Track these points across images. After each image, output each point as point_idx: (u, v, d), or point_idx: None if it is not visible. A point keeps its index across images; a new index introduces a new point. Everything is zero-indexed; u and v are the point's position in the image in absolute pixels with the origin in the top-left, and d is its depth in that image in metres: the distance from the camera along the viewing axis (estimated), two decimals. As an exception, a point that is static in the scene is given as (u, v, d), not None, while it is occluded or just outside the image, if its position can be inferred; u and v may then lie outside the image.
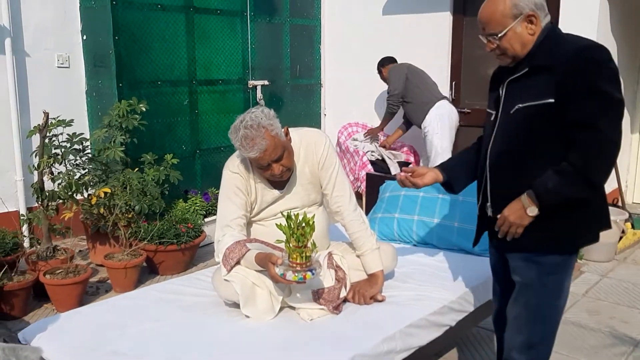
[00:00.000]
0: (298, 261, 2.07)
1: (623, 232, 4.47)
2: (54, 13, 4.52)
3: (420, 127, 5.04)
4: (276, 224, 2.12)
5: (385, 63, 5.22)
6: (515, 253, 2.08)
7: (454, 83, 5.27)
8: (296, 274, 2.06)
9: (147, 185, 3.99)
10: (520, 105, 1.92)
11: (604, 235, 2.08)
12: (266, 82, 5.56)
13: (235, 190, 2.38)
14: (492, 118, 2.08)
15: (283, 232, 2.06)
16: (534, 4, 1.91)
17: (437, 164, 4.77)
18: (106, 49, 4.41)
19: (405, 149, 5.45)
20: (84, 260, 4.24)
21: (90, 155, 4.07)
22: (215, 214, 4.68)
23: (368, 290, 2.38)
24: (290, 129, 2.41)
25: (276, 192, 2.44)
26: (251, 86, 5.47)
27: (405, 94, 5.02)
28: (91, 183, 3.96)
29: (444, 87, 5.30)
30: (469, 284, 2.61)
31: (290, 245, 2.08)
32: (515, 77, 1.98)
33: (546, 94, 1.86)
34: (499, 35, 1.91)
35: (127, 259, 3.70)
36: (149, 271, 4.06)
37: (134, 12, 4.45)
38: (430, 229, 3.02)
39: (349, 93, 6.11)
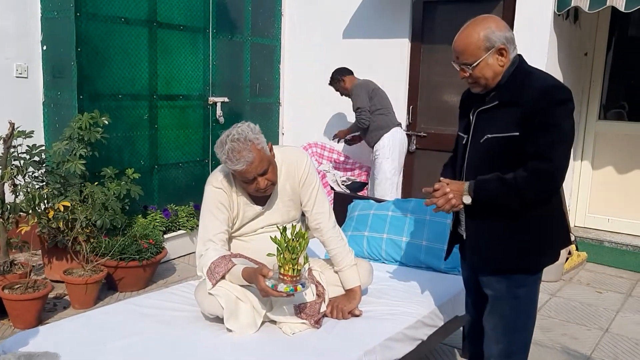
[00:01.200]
0: (290, 274, 2.11)
1: (569, 253, 4.72)
2: (15, 22, 4.41)
3: (372, 147, 5.12)
4: (270, 237, 2.16)
5: (345, 73, 5.22)
6: (484, 270, 2.23)
7: (411, 107, 5.44)
8: (287, 286, 2.11)
9: (109, 199, 3.91)
10: (490, 135, 2.08)
11: None
12: (226, 99, 5.57)
13: (218, 205, 2.40)
14: (464, 142, 2.22)
15: (277, 244, 2.10)
16: (505, 38, 2.06)
17: (385, 187, 4.93)
18: (68, 60, 4.33)
19: (364, 169, 5.57)
20: (37, 275, 4.09)
21: (48, 167, 3.96)
22: (174, 230, 4.68)
23: (346, 305, 2.44)
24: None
25: (258, 208, 2.47)
26: (211, 102, 5.47)
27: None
28: (50, 196, 3.85)
29: (402, 112, 5.47)
30: (439, 300, 2.71)
31: (284, 257, 2.11)
32: (485, 108, 2.13)
33: (513, 127, 2.03)
34: (472, 65, 2.06)
35: (87, 274, 3.61)
36: (107, 287, 3.97)
37: (97, 24, 4.39)
38: (399, 248, 3.11)
39: (308, 113, 6.21)
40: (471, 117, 2.19)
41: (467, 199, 2.08)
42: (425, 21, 5.35)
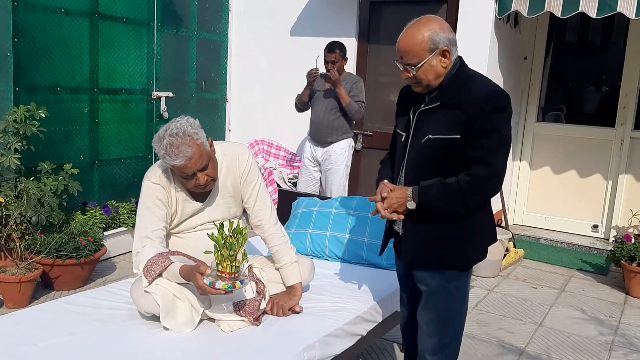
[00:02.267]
0: (228, 270, 2.09)
1: (507, 250, 4.86)
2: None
3: (324, 145, 4.85)
4: (207, 234, 2.13)
5: (345, 53, 4.77)
6: (418, 266, 2.28)
7: (357, 106, 5.49)
8: (225, 283, 2.09)
9: (45, 195, 3.79)
10: (431, 136, 2.11)
11: (489, 253, 2.36)
12: (170, 94, 5.48)
13: (156, 201, 2.36)
14: (403, 140, 2.25)
15: (214, 241, 2.08)
16: (448, 40, 2.10)
17: (338, 194, 4.87)
18: (3, 50, 4.15)
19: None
20: (-33, 274, 3.92)
21: (-20, 161, 3.80)
22: (115, 227, 4.57)
23: (287, 302, 2.44)
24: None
25: (197, 204, 2.44)
26: (155, 97, 5.36)
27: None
28: (-19, 191, 3.69)
29: (348, 110, 5.50)
30: (378, 295, 2.75)
31: (222, 254, 2.09)
32: (424, 109, 2.15)
33: (454, 129, 2.06)
34: (417, 66, 2.08)
35: (21, 273, 3.49)
36: (43, 286, 3.84)
37: (35, 14, 4.24)
38: (342, 244, 3.14)
39: (255, 109, 6.18)
40: (411, 117, 2.21)
41: (412, 205, 2.12)
42: (372, 21, 5.41)
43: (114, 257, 4.55)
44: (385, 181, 2.25)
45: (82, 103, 4.72)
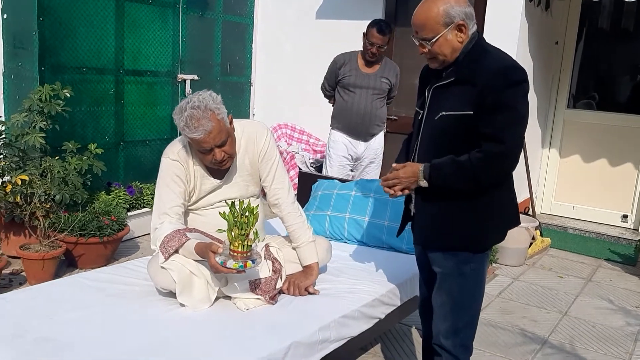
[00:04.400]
0: (239, 250, 2.08)
1: (533, 238, 4.76)
2: (-27, -12, 4.27)
3: (368, 138, 4.38)
4: (219, 212, 2.11)
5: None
6: (434, 248, 2.20)
7: (382, 90, 5.41)
8: (237, 262, 2.07)
9: (70, 174, 3.82)
10: (444, 112, 2.04)
11: (515, 241, 2.26)
12: (196, 77, 5.48)
13: (174, 177, 2.35)
14: (420, 117, 2.20)
15: (226, 220, 2.06)
16: (464, 14, 2.02)
17: None
18: (29, 30, 4.19)
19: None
20: (-6, 250, 4.00)
21: (6, 140, 3.85)
22: (139, 208, 4.60)
23: (303, 282, 2.42)
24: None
25: (215, 182, 2.42)
26: (180, 80, 5.37)
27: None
28: (7, 169, 3.75)
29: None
30: (397, 279, 2.71)
31: (232, 233, 2.07)
32: (440, 84, 2.09)
33: (467, 105, 1.98)
34: (432, 40, 2.01)
35: (45, 250, 3.53)
36: (67, 264, 3.88)
37: (61, -6, 4.27)
38: (361, 227, 3.10)
39: (279, 94, 6.15)
40: (427, 93, 2.16)
41: (423, 183, 2.05)
42: (399, 3, 5.31)
43: (138, 237, 4.59)
44: (394, 164, 2.19)
45: (107, 84, 4.75)
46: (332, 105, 4.49)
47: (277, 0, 6.00)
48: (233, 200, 2.14)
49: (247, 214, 2.08)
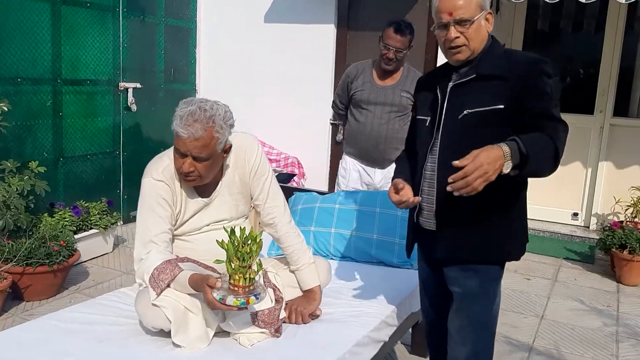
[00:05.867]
0: (241, 284, 1.84)
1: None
2: None
3: (386, 165, 3.53)
4: (217, 241, 1.87)
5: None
6: (452, 265, 2.06)
7: (337, 95, 5.26)
8: (238, 299, 1.83)
9: (11, 197, 3.42)
10: (469, 110, 1.89)
11: None
12: (138, 85, 5.13)
13: (159, 200, 2.08)
14: (429, 123, 2.03)
15: (224, 249, 1.82)
16: (489, 8, 1.93)
17: None
18: (-45, 36, 3.75)
19: (290, 160, 5.34)
20: None
21: None
22: (86, 230, 4.21)
23: (306, 308, 2.21)
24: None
25: (202, 201, 2.17)
26: (122, 88, 5.01)
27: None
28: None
29: (327, 101, 5.27)
30: (397, 297, 2.55)
31: (233, 265, 1.84)
32: (460, 82, 1.95)
33: (496, 100, 1.85)
34: (471, 21, 1.86)
35: (-12, 283, 3.12)
36: (12, 297, 3.47)
37: (-9, -4, 3.85)
38: (349, 242, 2.92)
39: (225, 101, 5.80)
40: (439, 94, 1.99)
41: (508, 168, 1.69)
42: (351, 7, 5.19)
43: (86, 261, 4.20)
44: (456, 162, 1.98)
45: (44, 95, 4.35)
46: (342, 127, 3.86)
47: (222, 4, 5.73)
48: (232, 227, 1.90)
49: (249, 242, 1.85)
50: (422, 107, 2.11)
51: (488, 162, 1.65)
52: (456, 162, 1.68)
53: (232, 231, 1.86)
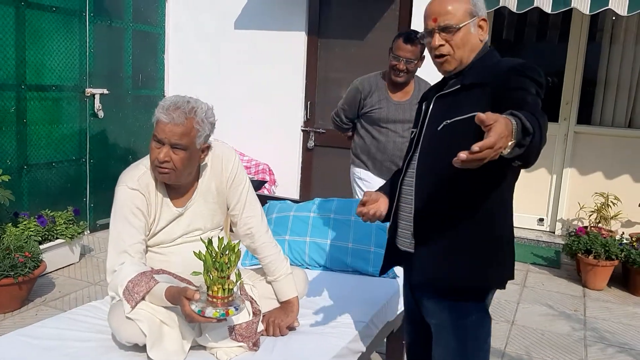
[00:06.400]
0: (219, 295, 1.81)
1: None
2: None
3: None
4: (194, 252, 1.83)
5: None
6: (429, 293, 1.89)
7: (308, 103, 5.26)
8: (217, 310, 1.79)
9: (-27, 206, 3.30)
10: (448, 121, 1.76)
11: None
12: (105, 91, 5.03)
13: (133, 210, 2.03)
14: (413, 136, 1.94)
15: (202, 260, 1.79)
16: (485, 13, 1.81)
17: None
18: None
19: (261, 167, 5.30)
20: None
21: None
22: (52, 240, 4.10)
23: (284, 320, 2.19)
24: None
25: (175, 210, 2.13)
26: (88, 94, 4.91)
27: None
28: None
29: (299, 107, 5.28)
30: (374, 307, 2.54)
31: (211, 276, 1.80)
32: (443, 94, 1.83)
33: (474, 108, 1.62)
34: (456, 28, 1.74)
35: (-51, 297, 3.00)
36: (-26, 311, 3.35)
37: (-49, -1, 3.72)
38: (324, 251, 2.90)
39: (195, 108, 5.79)
40: (425, 108, 1.91)
41: (511, 146, 1.41)
42: (322, 14, 5.20)
43: (52, 272, 4.09)
44: (367, 191, 1.91)
45: (7, 101, 4.23)
46: (349, 138, 3.70)
47: (191, 8, 5.67)
48: (209, 237, 1.87)
49: (227, 252, 1.82)
50: (415, 120, 2.01)
51: (505, 135, 1.37)
52: (476, 146, 1.33)
53: (210, 241, 1.83)
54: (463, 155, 1.34)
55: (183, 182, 2.10)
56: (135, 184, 2.04)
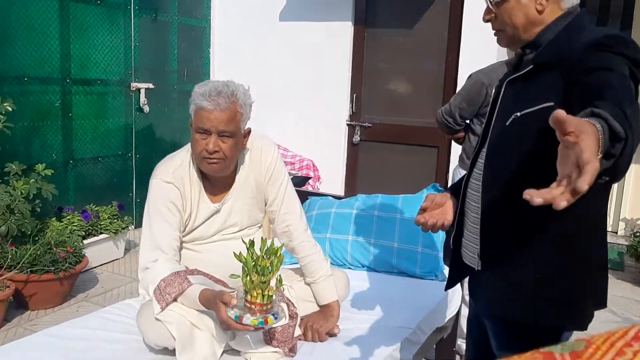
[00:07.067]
0: (258, 301, 1.67)
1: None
2: None
3: None
4: (234, 253, 1.69)
5: None
6: (496, 319, 1.56)
7: (354, 96, 5.08)
8: (255, 317, 1.66)
9: (16, 201, 3.29)
10: (518, 113, 1.40)
11: None
12: (151, 86, 5.00)
13: (168, 204, 1.92)
14: (483, 126, 1.58)
15: (242, 263, 1.65)
16: None
17: None
18: (-40, 35, 3.63)
19: (305, 162, 5.17)
20: None
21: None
22: (96, 235, 4.07)
23: (323, 325, 2.04)
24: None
25: (212, 205, 2.01)
26: (134, 89, 4.88)
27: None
28: (-61, 198, 3.18)
29: (344, 101, 5.12)
30: (421, 312, 2.36)
31: (251, 279, 1.66)
32: (513, 78, 1.47)
33: (546, 96, 1.34)
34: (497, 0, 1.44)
35: (-10, 292, 2.99)
36: (16, 306, 3.33)
37: (-3, -7, 3.73)
38: (367, 250, 2.74)
39: (240, 102, 5.71)
40: (494, 93, 1.56)
41: (598, 157, 1.04)
42: (369, 3, 5.01)
43: (95, 267, 4.07)
44: (429, 194, 1.61)
45: (53, 95, 4.23)
46: (457, 140, 3.20)
47: (237, 2, 5.58)
48: (252, 239, 1.72)
49: (269, 256, 1.67)
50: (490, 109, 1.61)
51: (596, 149, 1.00)
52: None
53: (252, 243, 1.70)
54: (562, 203, 0.97)
55: (228, 172, 1.98)
56: (170, 177, 1.94)
